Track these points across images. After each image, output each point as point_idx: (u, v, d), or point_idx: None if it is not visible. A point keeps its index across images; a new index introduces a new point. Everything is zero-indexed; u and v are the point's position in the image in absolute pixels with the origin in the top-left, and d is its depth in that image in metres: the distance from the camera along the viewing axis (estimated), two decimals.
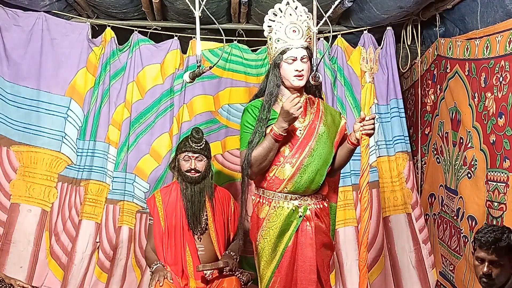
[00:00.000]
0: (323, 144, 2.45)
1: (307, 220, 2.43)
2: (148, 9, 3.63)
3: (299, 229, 2.42)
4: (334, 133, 2.51)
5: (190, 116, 3.74)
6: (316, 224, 2.44)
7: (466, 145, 3.22)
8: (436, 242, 3.68)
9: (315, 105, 2.54)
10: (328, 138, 2.47)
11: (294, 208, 2.42)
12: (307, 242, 2.41)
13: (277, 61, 2.46)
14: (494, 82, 2.87)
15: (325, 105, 2.61)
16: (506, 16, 2.78)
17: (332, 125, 2.52)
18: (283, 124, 2.33)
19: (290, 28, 2.43)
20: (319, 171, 2.43)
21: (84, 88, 3.73)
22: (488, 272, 2.09)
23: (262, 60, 3.86)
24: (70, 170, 3.68)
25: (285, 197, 2.43)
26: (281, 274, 2.42)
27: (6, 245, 3.50)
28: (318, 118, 2.49)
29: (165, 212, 2.96)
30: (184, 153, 2.97)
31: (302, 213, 2.42)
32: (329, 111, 2.58)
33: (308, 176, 2.41)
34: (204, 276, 2.81)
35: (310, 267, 2.40)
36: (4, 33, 3.57)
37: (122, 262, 3.59)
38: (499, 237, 2.09)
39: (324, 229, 2.49)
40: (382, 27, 3.76)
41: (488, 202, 2.93)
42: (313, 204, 2.46)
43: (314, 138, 2.44)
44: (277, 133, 2.34)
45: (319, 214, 2.47)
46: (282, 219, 2.41)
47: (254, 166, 2.41)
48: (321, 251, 2.46)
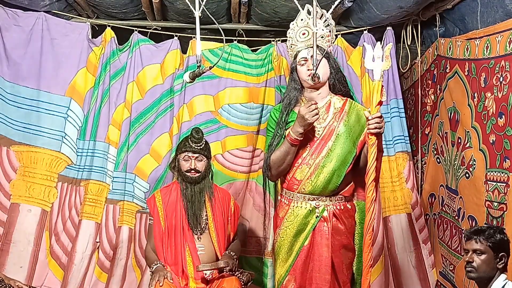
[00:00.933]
0: (342, 144, 2.45)
1: (324, 221, 2.46)
2: (148, 9, 3.63)
3: (316, 229, 2.45)
4: (357, 132, 2.51)
5: (190, 116, 3.74)
6: (334, 225, 2.46)
7: (464, 145, 3.22)
8: (436, 242, 3.68)
9: (339, 105, 2.54)
10: (347, 138, 2.47)
11: (312, 209, 2.46)
12: (323, 243, 2.44)
13: (293, 65, 2.54)
14: (494, 82, 2.87)
15: (352, 105, 2.59)
16: (506, 16, 2.78)
17: (356, 124, 2.52)
18: (299, 128, 2.38)
19: (300, 32, 2.50)
20: (337, 171, 2.44)
21: (84, 88, 3.73)
22: (469, 260, 2.19)
23: (262, 60, 3.85)
24: (70, 170, 3.68)
25: (303, 198, 2.47)
26: (296, 273, 2.46)
27: (6, 245, 3.50)
28: (338, 118, 2.50)
29: (165, 212, 2.96)
30: (184, 153, 2.97)
31: (319, 213, 2.45)
32: (356, 111, 2.56)
33: (324, 177, 2.43)
34: (204, 276, 2.81)
35: (325, 268, 2.42)
36: (4, 33, 3.58)
37: (122, 262, 3.59)
38: (482, 229, 2.22)
39: (343, 230, 2.49)
40: (382, 27, 3.76)
41: (487, 202, 2.93)
42: (332, 205, 2.47)
43: (332, 139, 2.45)
44: (293, 138, 2.40)
45: (338, 215, 2.47)
46: (299, 219, 2.46)
47: (273, 169, 2.50)
48: (340, 252, 2.47)
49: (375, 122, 2.28)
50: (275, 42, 3.84)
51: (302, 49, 2.49)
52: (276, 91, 3.79)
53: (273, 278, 3.66)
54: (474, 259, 2.18)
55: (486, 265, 2.16)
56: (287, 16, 3.56)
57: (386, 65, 2.27)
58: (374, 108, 2.27)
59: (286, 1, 3.34)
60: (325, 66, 2.49)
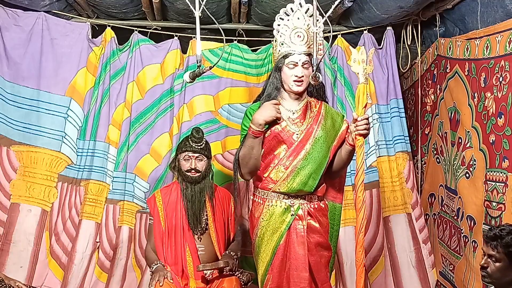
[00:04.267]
0: (319, 148, 2.46)
1: (300, 219, 2.45)
2: (148, 9, 3.63)
3: (291, 227, 2.45)
4: (332, 137, 2.52)
5: (190, 116, 3.74)
6: (308, 224, 2.46)
7: (465, 145, 3.22)
8: (436, 242, 3.68)
9: (316, 109, 2.54)
10: (324, 142, 2.48)
11: (287, 207, 2.45)
12: (298, 241, 2.43)
13: (279, 65, 2.49)
14: (494, 82, 2.87)
15: (328, 109, 2.60)
16: (506, 16, 2.78)
17: (332, 129, 2.53)
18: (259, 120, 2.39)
19: (295, 33, 2.46)
20: (313, 174, 2.44)
21: (84, 88, 3.73)
22: (484, 265, 2.11)
23: (262, 60, 3.86)
24: (70, 170, 3.68)
25: (278, 196, 2.46)
26: (274, 272, 2.44)
27: (6, 245, 3.50)
28: (316, 122, 2.50)
29: (165, 212, 2.96)
30: (184, 152, 2.97)
31: (294, 211, 2.45)
32: (331, 115, 2.57)
33: (300, 179, 2.43)
34: (204, 276, 2.81)
35: (302, 266, 2.42)
36: (4, 33, 3.57)
37: (122, 262, 3.59)
38: (502, 235, 2.08)
39: (318, 228, 2.49)
40: (382, 27, 3.76)
41: (486, 202, 2.93)
42: (306, 203, 2.48)
43: (310, 142, 2.45)
44: (254, 130, 2.41)
45: (313, 214, 2.48)
46: (274, 218, 2.45)
47: (242, 165, 2.50)
48: (315, 250, 2.47)
49: (364, 124, 2.31)
50: None
51: (294, 53, 2.44)
52: None
53: None
54: (489, 264, 2.08)
55: (501, 273, 2.06)
56: None
57: (370, 68, 2.34)
58: (361, 110, 2.33)
59: (286, 1, 3.33)
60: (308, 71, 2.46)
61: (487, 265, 2.09)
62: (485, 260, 2.10)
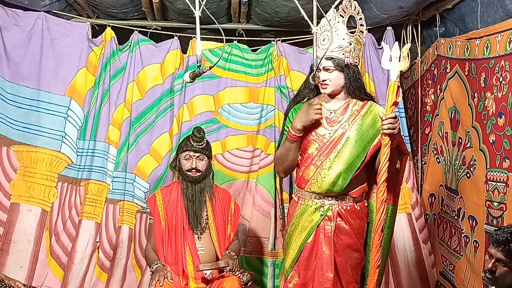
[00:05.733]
0: (351, 148, 2.43)
1: (328, 220, 2.47)
2: (148, 9, 3.63)
3: (319, 227, 2.47)
4: (369, 137, 2.46)
5: (190, 116, 3.75)
6: (338, 225, 2.46)
7: (465, 145, 3.22)
8: (436, 242, 3.68)
9: (356, 108, 2.51)
10: (357, 142, 2.44)
11: (317, 207, 2.47)
12: (325, 241, 2.45)
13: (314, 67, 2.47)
14: (494, 82, 2.87)
15: (371, 108, 2.52)
16: (506, 16, 2.78)
17: (370, 128, 2.47)
18: (297, 125, 2.40)
19: (321, 36, 2.46)
20: (342, 174, 2.42)
21: (84, 88, 3.73)
22: (492, 269, 2.08)
23: (262, 60, 3.86)
24: (70, 170, 3.68)
25: (310, 196, 2.49)
26: (300, 269, 2.48)
27: (6, 245, 3.51)
28: (351, 121, 2.48)
29: (165, 212, 2.96)
30: (185, 152, 2.97)
31: (324, 212, 2.46)
32: (373, 114, 2.50)
33: (330, 179, 2.42)
34: (204, 276, 2.81)
35: (327, 266, 2.44)
36: (4, 33, 3.58)
37: (122, 262, 3.59)
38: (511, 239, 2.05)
39: (348, 230, 2.48)
40: (382, 27, 3.76)
41: (487, 202, 2.93)
42: (337, 205, 2.47)
43: (342, 142, 2.45)
44: (292, 134, 2.43)
45: (344, 216, 2.47)
46: (304, 216, 2.49)
47: (278, 165, 2.58)
48: (344, 252, 2.47)
49: (389, 123, 2.24)
50: (275, 42, 3.84)
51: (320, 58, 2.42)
52: (276, 91, 3.79)
53: (273, 278, 3.67)
54: (497, 268, 2.04)
55: (509, 278, 2.04)
56: (287, 16, 3.56)
57: (403, 65, 2.23)
58: (389, 108, 2.25)
59: (286, 1, 3.34)
60: (338, 78, 2.44)
61: (495, 269, 2.06)
62: (493, 263, 2.07)
